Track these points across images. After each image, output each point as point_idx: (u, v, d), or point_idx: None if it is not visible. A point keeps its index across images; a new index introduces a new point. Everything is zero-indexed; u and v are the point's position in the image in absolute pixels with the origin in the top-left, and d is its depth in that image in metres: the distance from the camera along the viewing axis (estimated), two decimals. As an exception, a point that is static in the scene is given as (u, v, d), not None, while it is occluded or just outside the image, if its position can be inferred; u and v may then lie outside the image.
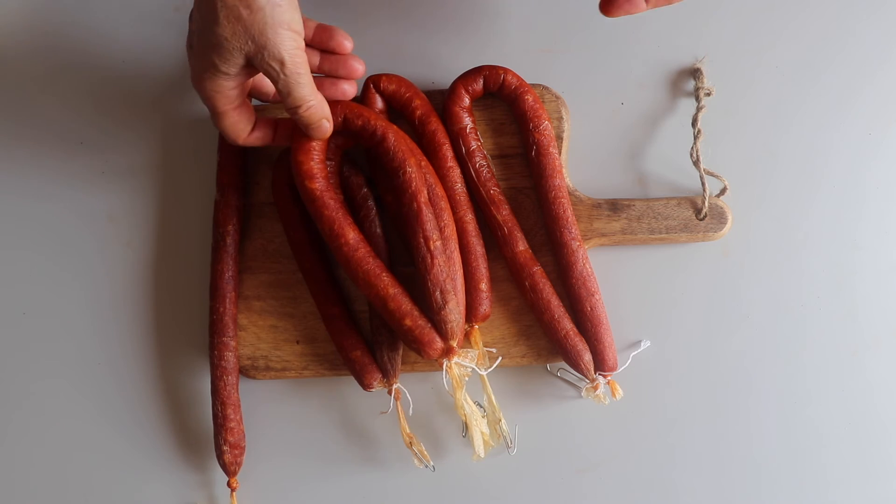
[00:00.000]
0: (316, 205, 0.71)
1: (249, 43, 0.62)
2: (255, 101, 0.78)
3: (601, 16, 0.80)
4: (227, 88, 0.66)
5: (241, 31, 0.62)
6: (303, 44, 0.65)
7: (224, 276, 0.76)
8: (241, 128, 0.70)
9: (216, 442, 0.76)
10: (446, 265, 0.71)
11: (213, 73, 0.65)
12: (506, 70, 0.75)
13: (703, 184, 0.75)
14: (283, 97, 0.66)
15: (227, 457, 0.75)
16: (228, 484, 0.76)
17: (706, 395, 0.76)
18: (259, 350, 0.78)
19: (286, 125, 0.72)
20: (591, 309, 0.74)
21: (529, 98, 0.75)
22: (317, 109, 0.68)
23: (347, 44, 0.73)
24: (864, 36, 0.78)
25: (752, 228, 0.77)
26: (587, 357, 0.73)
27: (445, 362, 0.71)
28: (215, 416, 0.76)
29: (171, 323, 0.81)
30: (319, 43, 0.73)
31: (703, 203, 0.75)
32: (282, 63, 0.63)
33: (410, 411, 0.76)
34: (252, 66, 0.65)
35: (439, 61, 0.80)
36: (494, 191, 0.75)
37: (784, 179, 0.77)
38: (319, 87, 0.70)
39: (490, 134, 0.78)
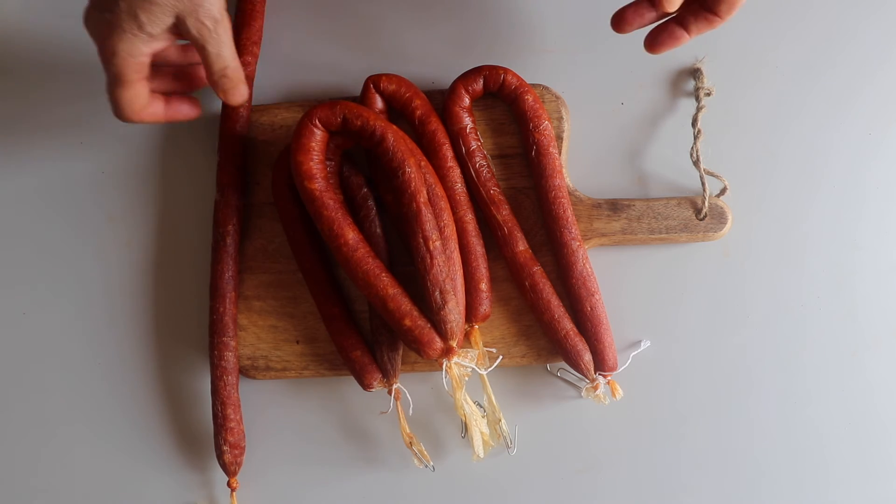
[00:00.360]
0: (315, 205, 0.71)
1: (184, 0, 0.62)
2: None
3: (601, 16, 0.80)
4: (142, 54, 0.64)
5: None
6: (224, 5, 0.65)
7: (224, 276, 0.76)
8: (140, 103, 0.68)
9: (216, 442, 0.76)
10: (446, 265, 0.71)
11: (133, 35, 0.63)
12: (506, 70, 0.75)
13: (703, 184, 0.75)
14: (213, 59, 0.65)
15: (227, 457, 0.75)
16: (228, 484, 0.76)
17: (706, 394, 0.76)
18: (259, 350, 0.78)
19: (178, 101, 0.72)
20: (591, 309, 0.74)
21: (529, 98, 0.75)
22: (240, 70, 0.68)
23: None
24: (864, 36, 0.78)
25: (752, 228, 0.77)
26: (587, 357, 0.73)
27: (445, 362, 0.71)
28: (215, 416, 0.76)
29: (171, 323, 0.81)
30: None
31: (703, 203, 0.75)
32: (216, 21, 0.63)
33: (410, 411, 0.76)
34: (177, 28, 0.63)
35: (439, 61, 0.80)
36: (494, 191, 0.75)
37: (784, 179, 0.77)
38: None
39: (490, 134, 0.78)
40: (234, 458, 0.76)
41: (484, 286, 0.74)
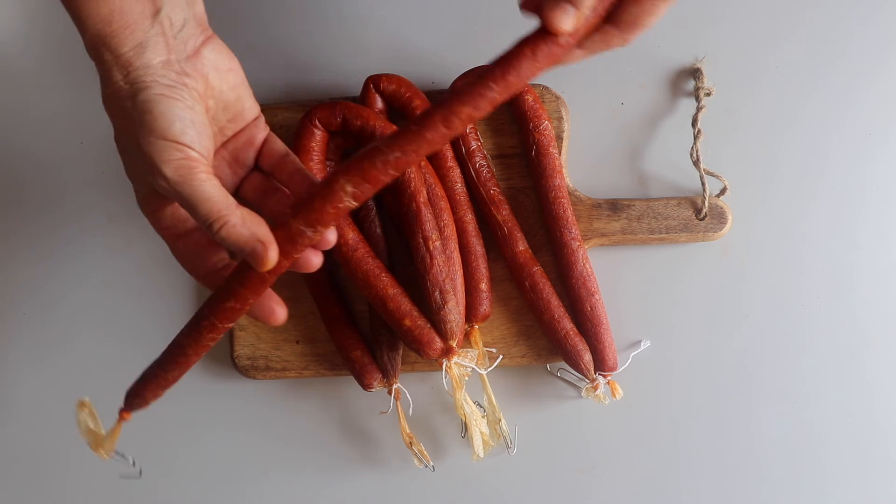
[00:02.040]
0: (316, 205, 0.71)
1: (138, 158, 0.53)
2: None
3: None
4: (156, 210, 0.58)
5: (125, 143, 0.55)
6: (193, 154, 0.53)
7: (224, 276, 0.76)
8: (191, 261, 0.60)
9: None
10: (446, 265, 0.71)
11: (136, 192, 0.58)
12: (506, 70, 0.75)
13: (703, 184, 0.75)
14: (193, 216, 0.54)
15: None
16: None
17: (706, 394, 0.76)
18: (259, 350, 0.78)
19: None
20: (591, 309, 0.74)
21: (529, 98, 0.75)
22: (235, 228, 0.54)
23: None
24: (864, 36, 0.78)
25: (752, 228, 0.77)
26: (587, 357, 0.73)
27: (445, 362, 0.71)
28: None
29: (172, 323, 0.81)
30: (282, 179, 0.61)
31: (703, 203, 0.75)
32: (164, 178, 0.52)
33: (410, 411, 0.76)
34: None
35: (439, 61, 0.80)
36: (494, 191, 0.75)
37: (784, 179, 0.77)
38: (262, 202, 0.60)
39: (490, 134, 0.78)
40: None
41: (484, 286, 0.74)
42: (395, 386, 0.74)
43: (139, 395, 0.62)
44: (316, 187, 0.54)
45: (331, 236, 0.57)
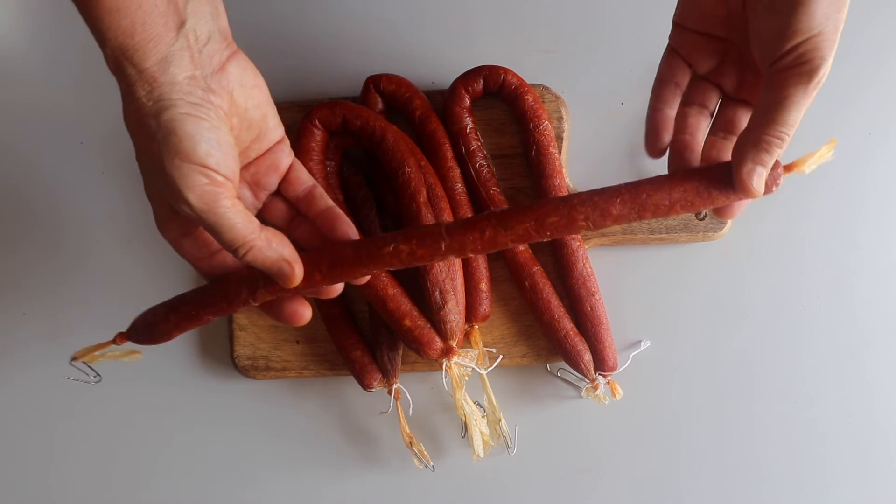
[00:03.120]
0: (316, 205, 0.71)
1: (161, 180, 0.51)
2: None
3: (601, 16, 0.80)
4: (178, 237, 0.57)
5: (147, 163, 0.52)
6: (219, 179, 0.52)
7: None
8: (217, 276, 0.59)
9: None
10: (446, 265, 0.71)
11: (154, 213, 0.56)
12: (506, 70, 0.75)
13: (703, 184, 0.75)
14: (218, 240, 0.54)
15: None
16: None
17: (706, 394, 0.76)
18: (259, 350, 0.78)
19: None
20: (591, 309, 0.74)
21: (529, 98, 0.75)
22: (262, 252, 0.54)
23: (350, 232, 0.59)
24: (864, 36, 0.78)
25: (752, 228, 0.77)
26: (587, 357, 0.74)
27: (445, 362, 0.71)
28: None
29: (171, 323, 0.81)
30: (308, 212, 0.60)
31: (703, 203, 0.75)
32: (189, 204, 0.51)
33: (410, 411, 0.76)
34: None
35: (439, 61, 0.80)
36: (494, 191, 0.75)
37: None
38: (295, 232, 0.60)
39: (490, 134, 0.78)
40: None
41: (484, 286, 0.74)
42: (395, 386, 0.74)
43: (146, 331, 0.60)
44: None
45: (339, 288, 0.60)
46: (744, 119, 0.57)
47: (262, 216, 0.60)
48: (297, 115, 0.78)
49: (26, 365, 0.82)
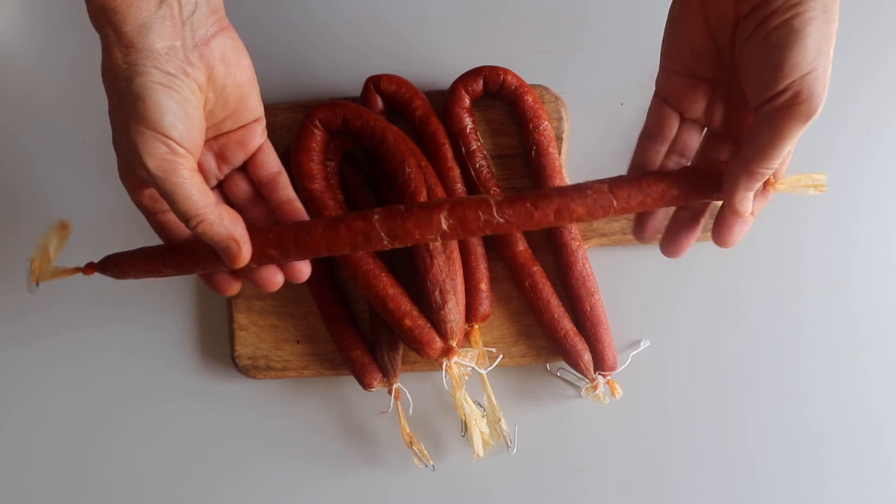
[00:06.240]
0: (316, 205, 0.71)
1: (125, 140, 0.52)
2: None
3: (601, 16, 0.80)
4: (136, 188, 0.58)
5: (116, 119, 0.53)
6: (180, 150, 0.52)
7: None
8: (166, 235, 0.61)
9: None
10: (446, 265, 0.71)
11: (118, 162, 0.57)
12: (506, 70, 0.75)
13: (702, 184, 0.75)
14: (171, 207, 0.55)
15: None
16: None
17: (705, 394, 0.76)
18: (259, 350, 0.78)
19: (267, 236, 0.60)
20: (591, 309, 0.74)
21: (529, 98, 0.75)
22: (212, 226, 0.55)
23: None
24: (864, 36, 0.78)
25: (751, 228, 0.77)
26: (587, 357, 0.74)
27: (445, 362, 0.71)
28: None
29: (173, 322, 0.81)
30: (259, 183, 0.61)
31: (703, 203, 0.75)
32: (147, 170, 0.52)
33: (410, 411, 0.76)
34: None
35: (439, 61, 0.80)
36: (494, 191, 0.75)
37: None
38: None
39: (490, 134, 0.78)
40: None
41: (484, 286, 0.74)
42: (395, 386, 0.74)
43: (117, 266, 0.62)
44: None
45: (305, 269, 0.62)
46: (725, 151, 0.60)
47: (224, 190, 0.62)
48: (298, 115, 0.78)
49: (27, 365, 0.82)
